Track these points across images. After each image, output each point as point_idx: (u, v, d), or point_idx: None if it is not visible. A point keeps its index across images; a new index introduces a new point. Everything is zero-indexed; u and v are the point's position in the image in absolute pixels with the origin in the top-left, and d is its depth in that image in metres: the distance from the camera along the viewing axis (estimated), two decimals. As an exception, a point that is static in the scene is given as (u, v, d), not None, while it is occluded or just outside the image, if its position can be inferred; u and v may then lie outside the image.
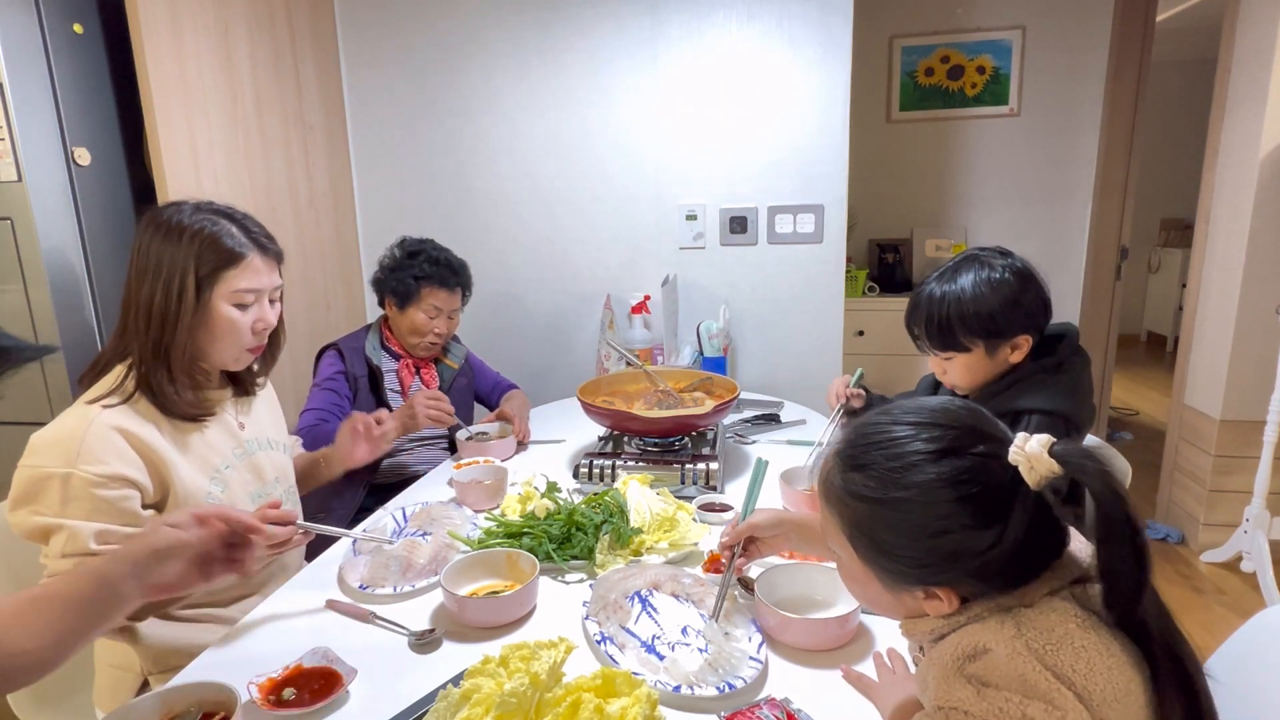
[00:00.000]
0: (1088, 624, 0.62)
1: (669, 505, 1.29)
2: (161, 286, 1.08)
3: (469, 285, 1.92)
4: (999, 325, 1.25)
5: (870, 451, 0.68)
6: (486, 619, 1.02)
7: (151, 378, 1.09)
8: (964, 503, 0.63)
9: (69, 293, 1.70)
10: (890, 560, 0.67)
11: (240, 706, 0.79)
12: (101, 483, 1.00)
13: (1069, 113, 3.27)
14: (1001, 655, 0.61)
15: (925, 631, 0.69)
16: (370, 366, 1.84)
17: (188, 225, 1.10)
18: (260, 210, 2.08)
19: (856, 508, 0.68)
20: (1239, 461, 2.59)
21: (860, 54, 2.40)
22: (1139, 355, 5.81)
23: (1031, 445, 0.62)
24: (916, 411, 0.68)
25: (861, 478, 0.67)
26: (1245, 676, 0.87)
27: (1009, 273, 1.26)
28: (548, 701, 0.76)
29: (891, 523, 0.66)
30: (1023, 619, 0.63)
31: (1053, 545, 0.66)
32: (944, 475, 0.64)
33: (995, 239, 3.48)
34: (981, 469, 0.64)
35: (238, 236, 1.13)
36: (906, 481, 0.65)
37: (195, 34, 1.84)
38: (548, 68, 2.35)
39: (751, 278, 2.39)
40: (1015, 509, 0.63)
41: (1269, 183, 2.43)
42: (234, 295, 1.12)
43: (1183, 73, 5.50)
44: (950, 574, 0.65)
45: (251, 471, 1.24)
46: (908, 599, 0.69)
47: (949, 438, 0.65)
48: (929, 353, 1.33)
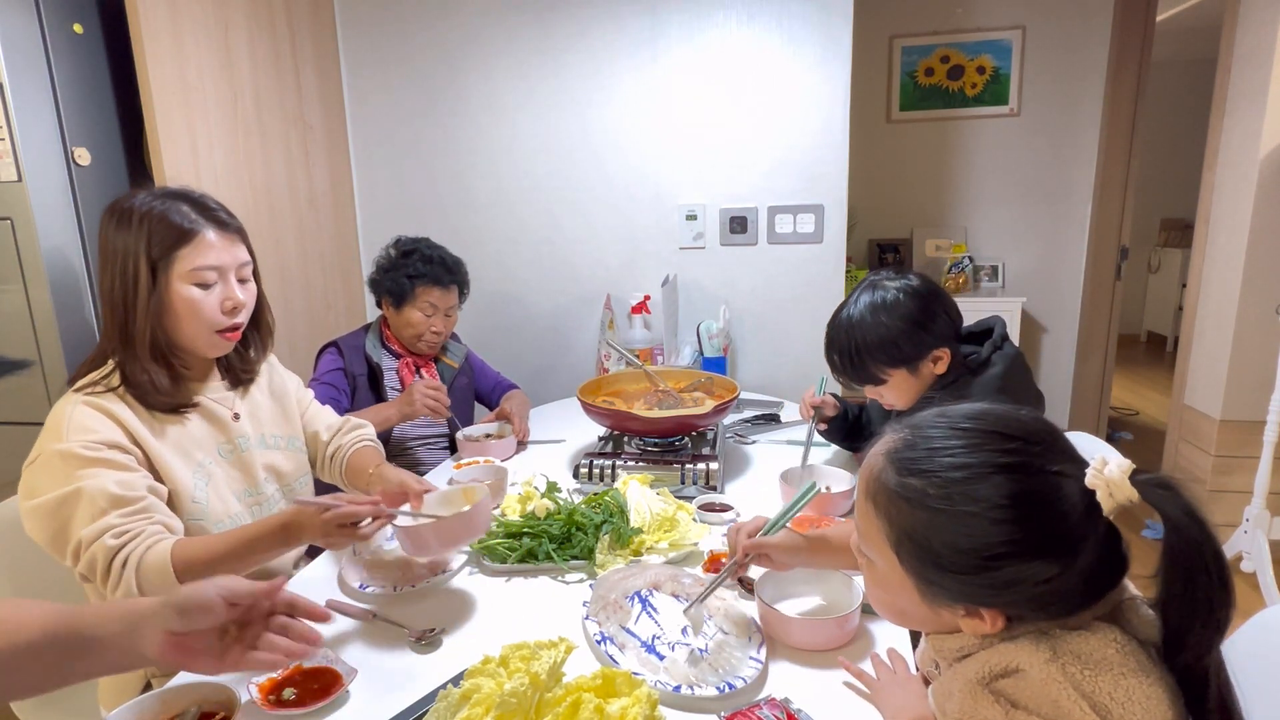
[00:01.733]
0: (1128, 649, 0.58)
1: (669, 505, 1.29)
2: (119, 274, 1.06)
3: (465, 283, 1.92)
4: (905, 351, 1.25)
5: (934, 458, 0.62)
6: (432, 544, 1.04)
7: (126, 368, 1.09)
8: (1032, 526, 0.58)
9: (69, 293, 1.70)
10: (938, 574, 0.62)
11: (240, 706, 0.79)
12: (97, 446, 1.01)
13: (1069, 113, 3.27)
14: (1035, 678, 0.58)
15: (955, 649, 0.66)
16: (370, 364, 1.84)
17: (137, 208, 1.07)
18: (260, 210, 2.09)
19: (911, 515, 0.63)
20: (1239, 461, 2.59)
21: (860, 54, 2.40)
22: (1139, 355, 5.81)
23: (1110, 470, 0.57)
24: (981, 418, 0.63)
25: (920, 483, 0.62)
26: (1245, 676, 0.87)
27: (903, 294, 1.26)
28: (548, 701, 0.76)
29: (949, 537, 0.60)
30: (1059, 642, 0.59)
31: (1116, 573, 0.62)
32: (1015, 493, 0.58)
33: (995, 239, 3.49)
34: (1055, 491, 0.58)
35: (187, 213, 1.08)
36: (973, 494, 0.59)
37: (195, 34, 1.83)
38: (548, 68, 2.35)
39: (751, 278, 2.39)
40: (1089, 539, 0.58)
41: (1269, 183, 2.43)
42: (192, 275, 1.08)
43: (1183, 73, 5.49)
44: (1003, 599, 0.61)
45: (239, 469, 1.21)
46: (945, 614, 0.64)
47: (1023, 451, 0.60)
48: (857, 388, 1.34)
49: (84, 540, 0.97)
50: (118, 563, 0.96)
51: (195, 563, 0.98)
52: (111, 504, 0.98)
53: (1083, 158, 3.29)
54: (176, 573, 0.97)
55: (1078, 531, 0.58)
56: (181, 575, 0.97)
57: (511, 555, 1.19)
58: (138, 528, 0.99)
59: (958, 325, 1.30)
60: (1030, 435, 0.61)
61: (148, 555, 0.97)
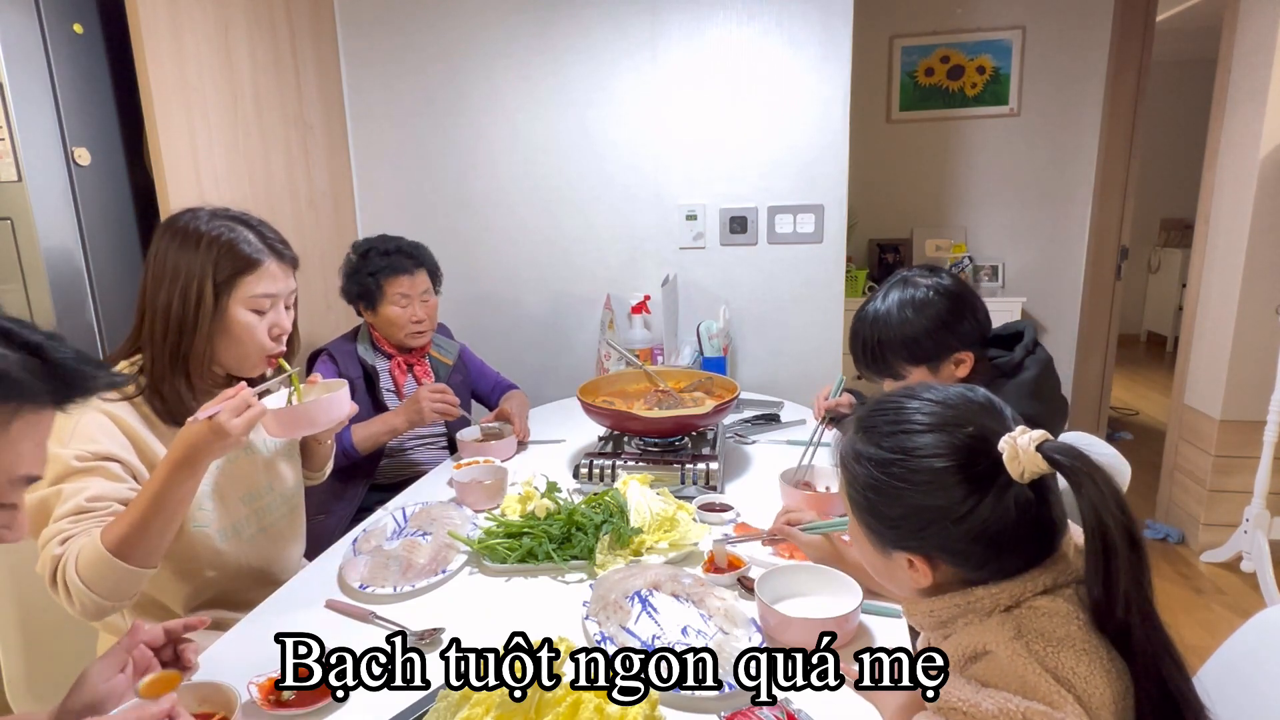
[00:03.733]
0: (1090, 627, 0.63)
1: (669, 505, 1.29)
2: (179, 293, 1.10)
3: (433, 265, 1.90)
4: (926, 350, 1.24)
5: (877, 417, 0.73)
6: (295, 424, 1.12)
7: (164, 385, 1.10)
8: (944, 473, 0.67)
9: (69, 293, 1.70)
10: (874, 518, 0.72)
11: (240, 706, 0.79)
12: (89, 458, 1.02)
13: (1069, 113, 3.27)
14: (1003, 656, 0.62)
15: (924, 614, 0.72)
16: (365, 368, 1.83)
17: (205, 232, 1.11)
18: (260, 210, 2.07)
19: (856, 469, 0.73)
20: (1239, 461, 2.59)
21: (860, 54, 2.40)
22: (1139, 355, 5.81)
23: (1022, 439, 0.64)
24: (933, 390, 0.73)
25: (865, 439, 0.73)
26: (1245, 677, 0.87)
27: (935, 293, 1.23)
28: (548, 701, 0.76)
29: (879, 482, 0.70)
30: (1024, 620, 0.63)
31: (1041, 541, 0.68)
32: (931, 445, 0.68)
33: (995, 239, 3.49)
34: (967, 448, 0.67)
35: (254, 243, 1.15)
36: (899, 445, 0.69)
37: (195, 34, 1.83)
38: (548, 68, 2.35)
39: (751, 278, 2.39)
40: (990, 491, 0.65)
41: (1269, 183, 2.43)
42: (251, 300, 1.14)
43: (1183, 73, 5.49)
44: (922, 541, 0.69)
45: (243, 471, 1.24)
46: (895, 568, 0.73)
47: (947, 416, 0.69)
48: (877, 381, 1.33)
49: (39, 544, 0.99)
50: (60, 570, 0.96)
51: (128, 536, 0.96)
52: (72, 511, 0.99)
53: (1083, 158, 3.29)
54: (115, 554, 0.95)
55: (984, 484, 0.65)
56: (122, 554, 0.95)
57: (511, 555, 1.19)
58: (81, 529, 0.99)
59: (985, 330, 1.27)
60: (960, 404, 0.71)
61: (81, 552, 0.96)
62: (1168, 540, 2.81)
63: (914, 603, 0.73)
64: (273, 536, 1.30)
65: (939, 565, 0.70)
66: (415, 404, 1.64)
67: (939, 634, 0.71)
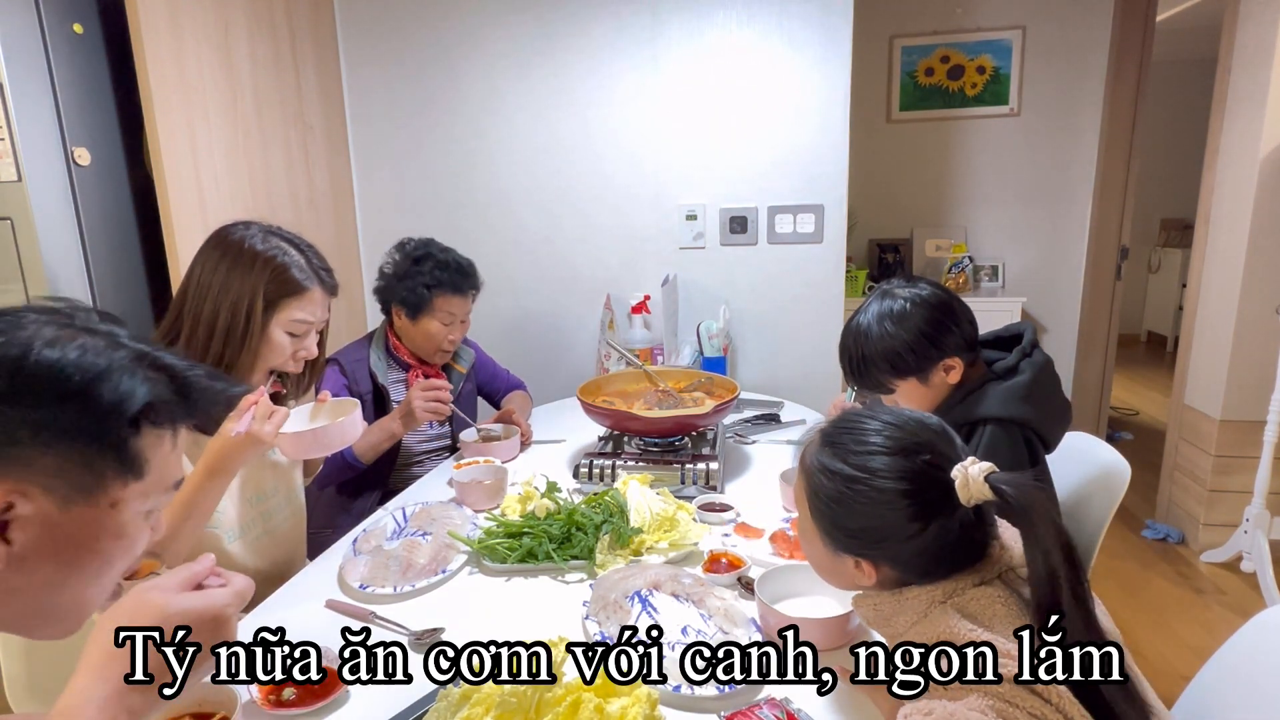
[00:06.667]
0: (1011, 602, 0.73)
1: (669, 505, 1.29)
2: (228, 307, 1.13)
3: (479, 286, 1.83)
4: (909, 363, 1.23)
5: (843, 434, 0.81)
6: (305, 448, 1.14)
7: None
8: (900, 496, 0.74)
9: (69, 293, 1.70)
10: (834, 526, 0.80)
11: (240, 706, 0.79)
12: None
13: (1069, 113, 3.27)
14: (935, 633, 0.72)
15: (869, 606, 0.81)
16: (375, 384, 1.75)
17: (260, 251, 1.15)
18: (260, 210, 2.09)
19: (821, 479, 0.80)
20: (1239, 461, 2.59)
21: (860, 54, 2.40)
22: (1139, 355, 5.81)
23: (973, 470, 0.72)
24: (893, 415, 0.81)
25: (829, 452, 0.80)
26: (1245, 677, 0.87)
27: (912, 304, 1.22)
28: (548, 701, 0.76)
29: (840, 494, 0.78)
30: (959, 606, 0.74)
31: (976, 548, 0.77)
32: (892, 468, 0.75)
33: (995, 239, 3.49)
34: (922, 474, 0.75)
35: (304, 268, 1.19)
36: (864, 464, 0.77)
37: (195, 34, 1.83)
38: (548, 68, 2.35)
39: (751, 278, 2.39)
40: (939, 517, 0.74)
41: (1269, 183, 2.43)
42: (290, 324, 1.18)
43: (1183, 73, 5.49)
44: (874, 552, 0.78)
45: (248, 473, 1.24)
46: (841, 566, 0.81)
47: (904, 440, 0.77)
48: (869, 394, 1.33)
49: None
50: None
51: (160, 540, 0.97)
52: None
53: (1083, 158, 3.29)
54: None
55: (934, 509, 0.74)
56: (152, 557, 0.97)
57: (511, 555, 1.19)
58: None
59: (971, 335, 1.26)
60: (918, 431, 0.78)
61: None
62: (1168, 540, 2.81)
63: (863, 596, 0.83)
64: (277, 539, 1.31)
65: (882, 568, 0.79)
66: (407, 407, 1.61)
67: (886, 630, 0.80)
